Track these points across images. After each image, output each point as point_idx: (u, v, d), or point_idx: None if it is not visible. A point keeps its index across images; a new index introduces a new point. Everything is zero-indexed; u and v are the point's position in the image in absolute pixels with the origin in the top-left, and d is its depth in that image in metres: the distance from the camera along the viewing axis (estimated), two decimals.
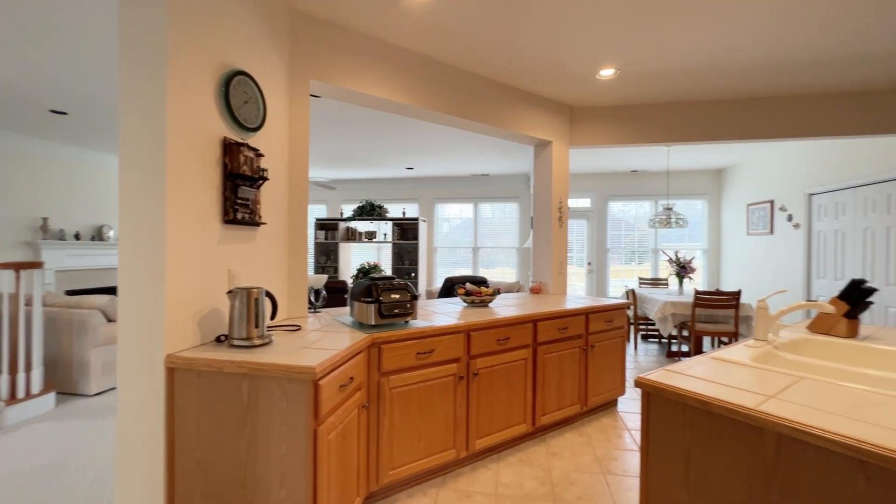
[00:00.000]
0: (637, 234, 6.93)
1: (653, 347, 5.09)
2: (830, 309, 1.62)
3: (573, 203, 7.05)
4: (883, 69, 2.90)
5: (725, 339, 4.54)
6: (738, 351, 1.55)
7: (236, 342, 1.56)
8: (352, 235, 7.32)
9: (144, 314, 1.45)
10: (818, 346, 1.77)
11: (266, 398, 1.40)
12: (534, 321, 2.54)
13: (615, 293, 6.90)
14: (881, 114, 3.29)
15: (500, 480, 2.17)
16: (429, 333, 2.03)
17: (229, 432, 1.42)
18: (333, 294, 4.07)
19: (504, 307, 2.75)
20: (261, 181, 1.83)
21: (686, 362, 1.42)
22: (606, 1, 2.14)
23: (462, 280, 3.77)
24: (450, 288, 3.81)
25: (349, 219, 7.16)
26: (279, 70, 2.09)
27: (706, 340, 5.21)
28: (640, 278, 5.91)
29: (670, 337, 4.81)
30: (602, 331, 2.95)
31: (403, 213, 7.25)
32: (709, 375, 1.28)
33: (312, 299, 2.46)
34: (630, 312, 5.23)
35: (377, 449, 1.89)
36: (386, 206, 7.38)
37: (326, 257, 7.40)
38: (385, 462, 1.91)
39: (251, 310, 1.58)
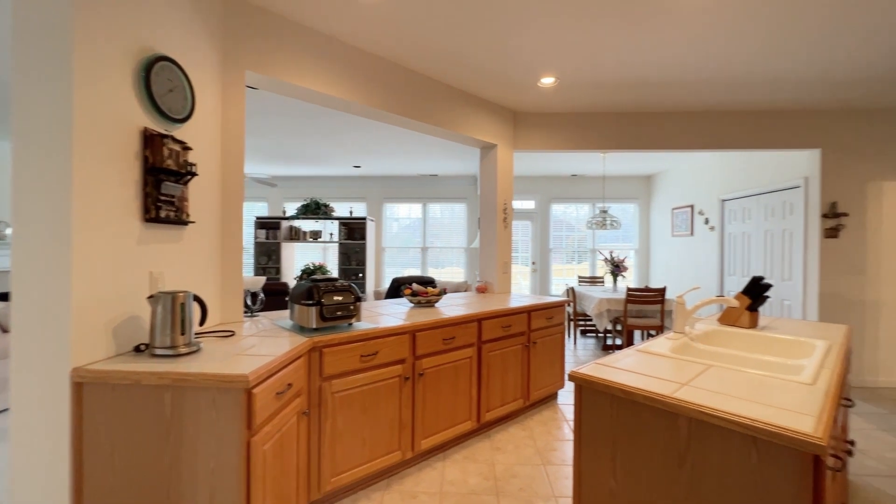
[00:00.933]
0: (577, 234, 7.33)
1: (590, 342, 5.41)
2: (735, 303, 1.82)
3: (518, 205, 7.29)
4: (784, 91, 3.31)
5: (653, 332, 4.93)
6: (659, 343, 1.69)
7: (159, 351, 1.44)
8: (295, 235, 7.02)
9: (45, 323, 1.29)
10: (726, 336, 1.98)
11: (192, 411, 1.30)
12: (478, 320, 2.59)
13: (557, 291, 7.24)
14: (780, 131, 3.75)
15: (445, 478, 2.19)
16: (373, 335, 2.00)
17: (150, 451, 1.30)
18: (274, 297, 3.88)
19: (450, 307, 2.78)
20: (188, 176, 1.70)
21: (615, 355, 1.52)
22: (545, 14, 2.24)
23: (409, 280, 3.76)
24: (397, 288, 3.78)
25: (293, 217, 6.86)
26: (211, 58, 1.95)
27: (637, 334, 5.63)
28: (580, 277, 6.26)
29: (606, 331, 5.14)
30: (543, 327, 3.09)
31: (350, 213, 7.08)
32: (634, 367, 1.39)
33: (249, 303, 2.33)
34: (570, 309, 5.51)
35: (318, 456, 1.83)
36: (332, 204, 7.16)
37: (268, 258, 7.03)
38: (327, 469, 1.85)
39: (176, 315, 1.46)
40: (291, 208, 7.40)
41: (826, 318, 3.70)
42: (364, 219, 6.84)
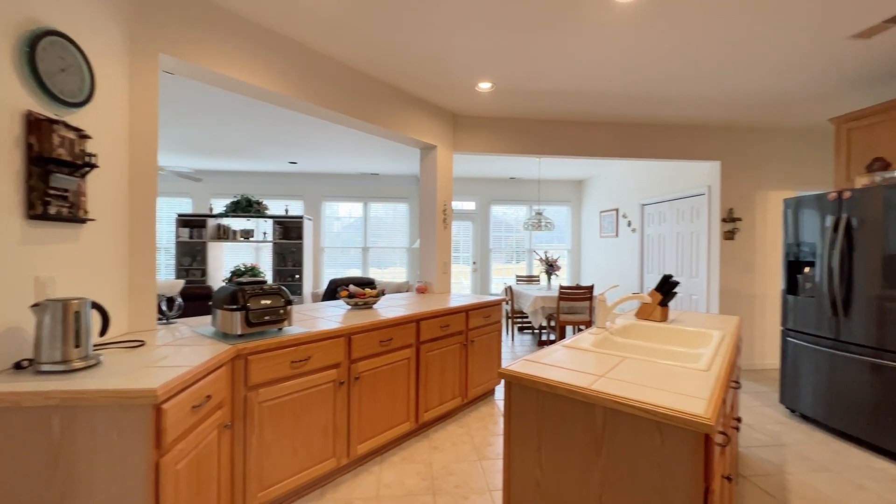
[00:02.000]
0: (515, 235, 7.61)
1: (527, 338, 5.65)
2: (647, 299, 2.00)
3: (460, 205, 7.41)
4: (693, 109, 3.69)
5: (582, 327, 5.27)
6: (583, 338, 1.80)
7: (46, 367, 1.26)
8: (224, 234, 6.53)
9: None
10: (641, 329, 2.16)
11: (87, 432, 1.15)
12: (417, 321, 2.59)
13: (497, 290, 7.46)
14: (689, 144, 4.18)
15: (382, 482, 2.16)
16: (305, 340, 1.92)
17: (36, 482, 1.14)
18: (197, 301, 3.57)
19: (389, 308, 2.75)
20: (86, 168, 1.51)
21: (542, 351, 1.60)
22: (480, 22, 2.30)
23: (346, 282, 3.66)
24: (334, 290, 3.66)
25: (221, 215, 6.37)
26: (116, 38, 1.75)
27: (569, 329, 5.98)
28: (517, 276, 6.51)
29: (541, 328, 5.39)
30: (481, 326, 3.17)
31: (286, 211, 6.73)
32: (558, 362, 1.47)
33: (165, 309, 2.13)
34: (508, 307, 5.71)
35: (244, 470, 1.72)
36: (266, 202, 6.77)
37: (192, 259, 6.47)
38: (254, 483, 1.75)
39: (69, 326, 1.28)
40: (220, 205, 6.87)
41: (725, 310, 4.19)
42: (301, 217, 6.54)
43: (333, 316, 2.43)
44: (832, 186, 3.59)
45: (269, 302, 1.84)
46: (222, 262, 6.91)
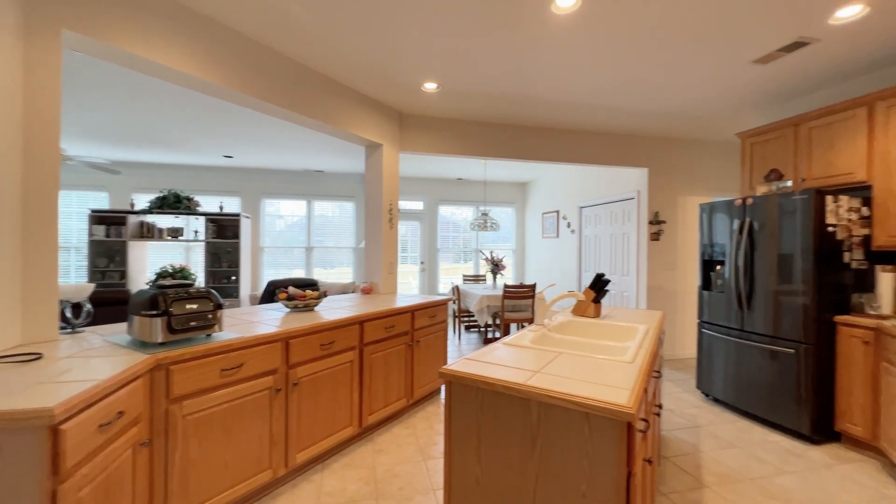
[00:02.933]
0: (463, 235, 7.72)
1: (473, 337, 5.75)
2: (582, 297, 2.11)
3: (408, 205, 7.37)
4: (625, 118, 3.96)
5: (526, 325, 5.46)
6: (523, 335, 1.87)
7: None
8: (149, 232, 5.96)
9: None
10: (577, 325, 2.29)
11: None
12: (360, 322, 2.54)
13: (445, 290, 7.52)
14: (621, 151, 4.49)
15: (323, 490, 2.09)
16: (237, 346, 1.80)
17: None
18: (113, 307, 3.22)
19: (331, 310, 2.66)
20: None
21: (483, 350, 1.64)
22: (425, 24, 2.30)
23: (285, 283, 3.49)
24: (272, 292, 3.48)
25: (144, 212, 5.80)
26: (8, 10, 1.52)
27: (514, 326, 6.18)
28: (464, 275, 6.60)
29: (486, 326, 5.51)
30: (427, 326, 3.17)
31: (221, 208, 6.29)
32: (498, 359, 1.51)
33: (70, 316, 1.89)
34: (455, 307, 5.78)
35: (165, 491, 1.58)
36: (197, 198, 6.27)
37: (108, 260, 5.84)
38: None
39: None
40: (143, 201, 6.26)
41: (652, 305, 4.56)
42: (238, 215, 6.14)
43: (271, 319, 2.31)
44: (739, 193, 4.03)
45: (195, 306, 1.71)
46: (146, 263, 6.30)
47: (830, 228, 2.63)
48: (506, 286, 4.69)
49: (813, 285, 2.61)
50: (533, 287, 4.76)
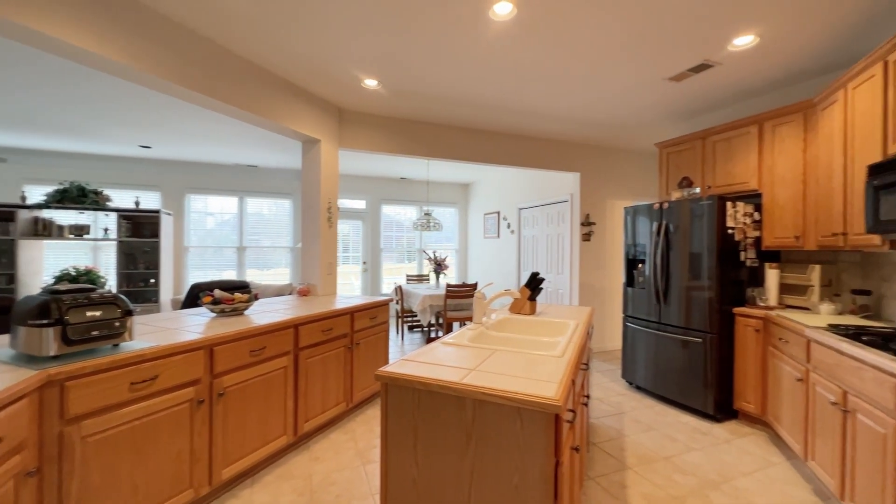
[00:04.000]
0: (406, 235, 7.67)
1: (416, 336, 5.74)
2: (518, 295, 2.19)
3: (350, 204, 7.18)
4: (560, 125, 4.17)
5: (468, 323, 5.57)
6: (461, 334, 1.89)
7: None
8: (45, 230, 5.22)
9: None
10: (514, 323, 2.37)
11: None
12: (295, 326, 2.42)
13: (388, 290, 7.43)
14: (556, 156, 4.72)
15: None
16: (150, 356, 1.64)
17: None
18: None
19: (263, 314, 2.51)
20: None
21: (421, 350, 1.63)
22: (363, 20, 2.25)
23: (211, 286, 3.23)
24: (196, 296, 3.20)
25: (39, 206, 5.06)
26: None
27: (456, 325, 6.26)
28: (408, 275, 6.57)
29: (429, 325, 5.53)
30: (367, 328, 3.11)
31: (137, 203, 5.67)
32: (436, 359, 1.51)
33: None
34: (398, 307, 5.73)
35: None
36: (108, 192, 5.60)
37: None
38: None
39: None
40: (38, 193, 5.46)
41: (584, 302, 4.85)
42: (157, 212, 5.58)
43: (194, 326, 2.13)
44: (658, 198, 4.42)
45: (97, 313, 1.52)
46: (41, 265, 5.51)
47: (730, 231, 2.98)
48: (448, 286, 4.74)
49: (716, 281, 2.94)
50: (475, 286, 4.86)
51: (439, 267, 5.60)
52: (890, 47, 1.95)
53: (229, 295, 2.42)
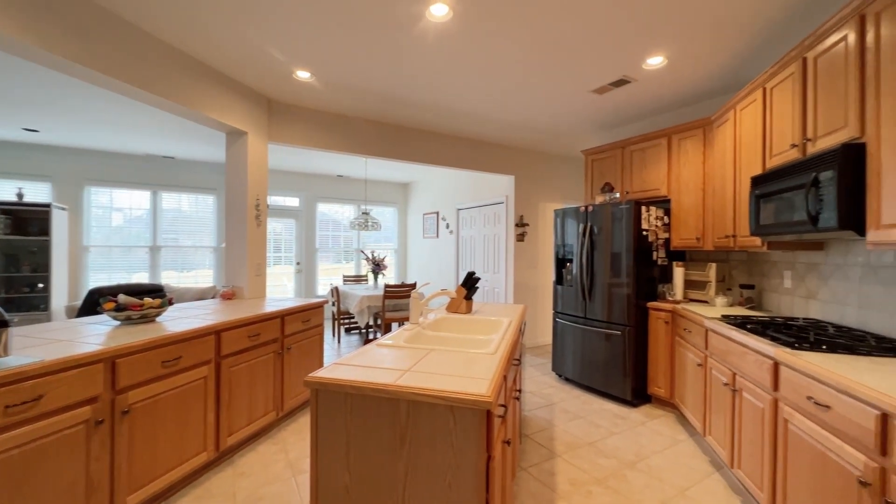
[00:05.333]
0: (344, 234, 7.44)
1: (354, 339, 5.60)
2: (454, 294, 2.23)
3: (281, 201, 6.80)
4: (496, 129, 4.30)
5: (406, 323, 5.54)
6: (397, 335, 1.88)
7: None
8: None
9: None
10: (451, 322, 2.40)
11: None
12: (217, 332, 2.24)
13: (325, 292, 7.15)
14: (492, 159, 4.87)
15: None
16: (31, 374, 1.41)
17: None
18: None
19: (179, 320, 2.29)
20: None
21: (355, 353, 1.59)
22: (291, 4, 2.14)
23: (114, 291, 2.87)
24: (95, 303, 2.83)
25: None
26: None
27: (395, 326, 6.20)
28: (345, 276, 6.38)
29: (368, 327, 5.42)
30: (299, 331, 2.96)
31: (20, 196, 4.87)
32: (370, 361, 1.48)
33: None
34: (334, 309, 5.54)
35: None
36: None
37: None
38: None
39: None
40: None
41: (518, 300, 5.06)
42: (48, 206, 4.84)
43: (92, 336, 1.87)
44: (584, 201, 4.75)
45: None
46: None
47: (644, 233, 3.28)
48: (387, 286, 4.68)
49: (633, 278, 3.22)
50: (414, 286, 4.85)
51: (378, 267, 5.51)
52: (767, 76, 2.27)
53: (137, 300, 2.17)
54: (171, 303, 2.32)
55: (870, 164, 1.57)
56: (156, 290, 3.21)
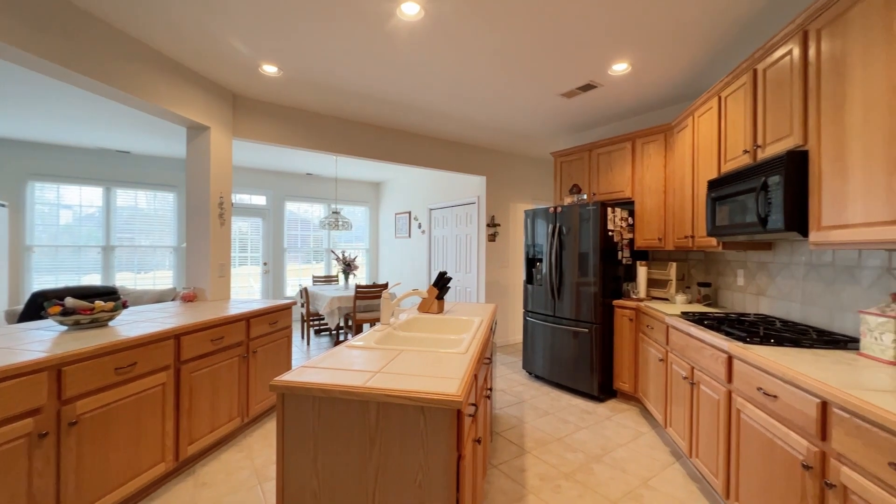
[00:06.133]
0: (314, 234, 7.27)
1: (324, 340, 5.48)
2: (425, 294, 2.22)
3: (248, 199, 6.57)
4: (469, 129, 4.32)
5: (378, 324, 5.48)
6: (367, 336, 1.85)
7: None
8: None
9: None
10: (423, 322, 2.39)
11: None
12: (176, 336, 2.13)
13: (293, 293, 6.96)
14: (465, 159, 4.89)
15: None
16: None
17: None
18: None
19: (134, 324, 2.17)
20: None
21: (324, 355, 1.56)
22: (256, 3, 2.07)
23: (61, 293, 2.68)
24: (40, 307, 2.63)
25: None
26: None
27: (367, 327, 6.12)
28: (315, 276, 6.24)
29: (338, 328, 5.33)
30: (266, 334, 2.87)
31: None
32: (339, 363, 1.46)
33: None
34: (303, 310, 5.41)
35: None
36: None
37: None
38: None
39: None
40: None
41: (489, 299, 5.11)
42: None
43: (34, 343, 1.74)
44: (553, 202, 4.85)
45: None
46: None
47: (610, 233, 3.39)
48: (358, 286, 4.61)
49: (599, 277, 3.33)
50: (385, 286, 4.80)
51: (348, 267, 5.42)
52: (723, 85, 2.40)
53: (87, 304, 2.04)
54: (125, 306, 2.19)
55: (812, 170, 1.69)
56: (109, 293, 3.02)
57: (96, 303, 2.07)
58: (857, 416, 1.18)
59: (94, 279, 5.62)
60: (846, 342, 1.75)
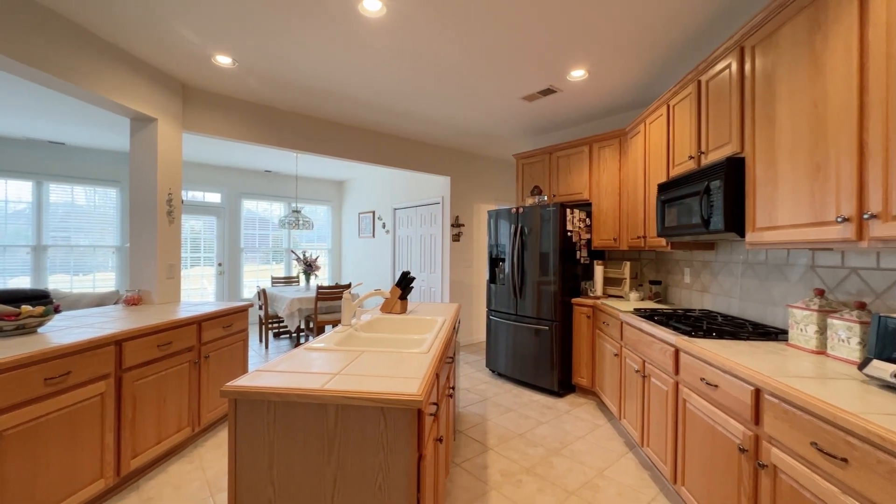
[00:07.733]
0: (272, 234, 7.01)
1: (284, 344, 5.30)
2: (387, 294, 2.20)
3: (201, 197, 6.23)
4: (434, 129, 4.32)
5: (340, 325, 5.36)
6: (328, 337, 1.81)
7: None
8: None
9: None
10: (386, 322, 2.37)
11: None
12: (117, 342, 1.99)
13: (250, 294, 6.68)
14: (429, 159, 4.89)
15: None
16: None
17: None
18: None
19: (70, 329, 2.00)
20: None
21: (281, 357, 1.51)
22: None
23: None
24: None
25: None
26: None
27: (329, 328, 5.98)
28: (273, 277, 6.02)
29: (299, 330, 5.17)
30: (219, 338, 2.74)
31: None
32: (297, 366, 1.41)
33: None
34: (261, 313, 5.21)
35: None
36: None
37: None
38: None
39: None
40: None
41: (454, 299, 5.14)
42: None
43: None
44: (515, 203, 4.95)
45: None
46: None
47: (569, 233, 3.51)
48: (319, 287, 4.49)
49: (559, 276, 3.43)
50: (348, 287, 4.71)
51: (310, 268, 5.27)
52: (671, 94, 2.55)
53: (12, 308, 1.85)
54: (57, 310, 2.01)
55: (748, 176, 1.83)
56: (40, 297, 2.75)
57: (23, 307, 1.89)
58: (785, 400, 1.29)
59: (23, 282, 5.13)
60: (777, 334, 1.90)
